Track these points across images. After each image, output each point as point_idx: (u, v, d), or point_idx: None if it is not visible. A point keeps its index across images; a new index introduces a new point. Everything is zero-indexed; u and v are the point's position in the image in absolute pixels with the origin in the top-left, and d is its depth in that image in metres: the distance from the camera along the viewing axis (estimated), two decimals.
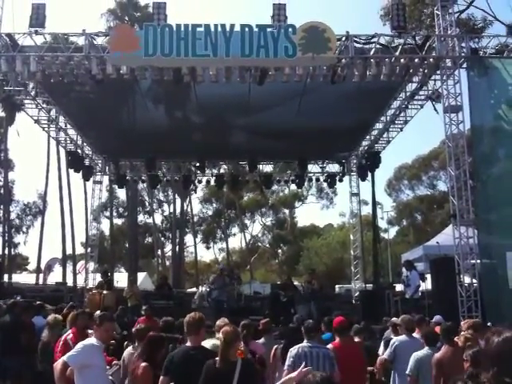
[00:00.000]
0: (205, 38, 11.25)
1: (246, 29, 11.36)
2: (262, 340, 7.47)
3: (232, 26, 11.38)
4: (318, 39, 11.31)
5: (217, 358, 4.40)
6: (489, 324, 8.34)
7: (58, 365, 5.03)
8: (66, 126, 17.59)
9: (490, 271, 11.76)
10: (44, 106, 15.89)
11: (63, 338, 6.44)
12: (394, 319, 8.84)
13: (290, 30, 11.39)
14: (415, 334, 7.13)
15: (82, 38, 12.20)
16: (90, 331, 6.15)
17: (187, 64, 11.78)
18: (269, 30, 11.42)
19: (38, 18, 11.92)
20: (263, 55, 11.35)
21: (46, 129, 17.16)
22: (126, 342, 7.50)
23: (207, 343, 5.08)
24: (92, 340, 5.26)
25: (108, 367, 5.76)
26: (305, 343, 5.97)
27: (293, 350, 5.89)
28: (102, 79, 12.22)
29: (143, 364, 5.16)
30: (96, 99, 14.74)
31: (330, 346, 6.37)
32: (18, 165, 44.72)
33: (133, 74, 12.01)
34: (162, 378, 4.74)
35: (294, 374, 3.60)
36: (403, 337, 7.16)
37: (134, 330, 6.62)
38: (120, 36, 11.74)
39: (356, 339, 7.37)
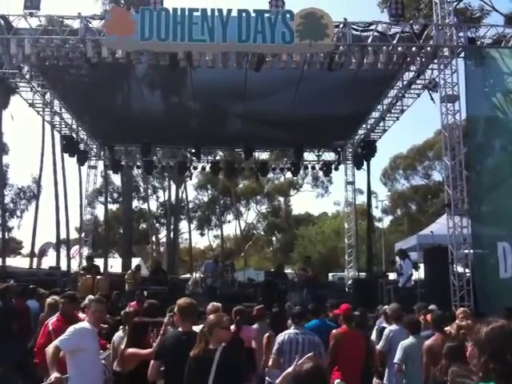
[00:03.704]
0: (201, 22, 11.14)
1: (243, 14, 11.25)
2: (255, 326, 7.49)
3: (229, 10, 11.28)
4: (315, 25, 11.21)
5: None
6: None
7: (49, 349, 4.96)
8: (60, 109, 17.46)
9: (481, 261, 11.84)
10: (39, 89, 15.73)
11: (45, 323, 6.36)
12: (385, 307, 8.87)
13: (288, 15, 11.29)
14: None
15: (77, 21, 12.06)
16: (83, 315, 6.15)
17: (183, 49, 11.68)
18: (266, 15, 11.31)
19: (32, 0, 11.78)
20: (260, 41, 11.25)
21: (41, 112, 17.01)
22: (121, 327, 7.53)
23: (197, 328, 5.09)
24: (84, 324, 5.24)
25: (101, 351, 5.76)
26: (292, 330, 6.02)
27: (279, 337, 5.91)
28: (97, 63, 12.12)
29: (129, 350, 5.16)
30: (91, 83, 14.63)
31: (337, 330, 6.39)
32: (12, 149, 44.41)
33: (128, 58, 11.92)
34: (152, 362, 4.73)
35: (290, 369, 3.58)
36: (395, 326, 7.20)
37: (122, 312, 6.65)
38: (116, 19, 11.59)
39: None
